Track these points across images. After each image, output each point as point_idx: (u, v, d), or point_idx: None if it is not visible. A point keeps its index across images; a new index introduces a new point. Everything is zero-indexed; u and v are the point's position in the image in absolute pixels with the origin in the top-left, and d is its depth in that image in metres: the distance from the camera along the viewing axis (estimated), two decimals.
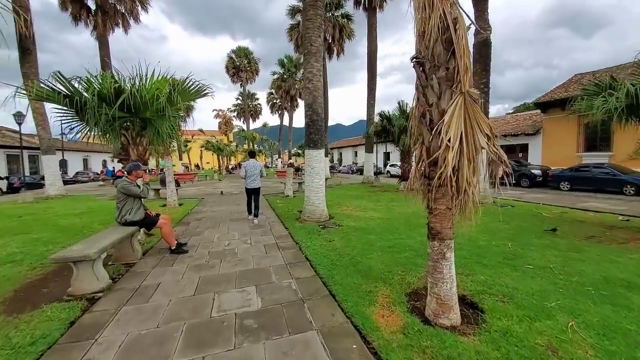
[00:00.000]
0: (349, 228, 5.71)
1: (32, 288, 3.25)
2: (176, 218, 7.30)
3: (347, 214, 7.23)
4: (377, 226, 5.86)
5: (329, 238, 5.02)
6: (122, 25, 19.21)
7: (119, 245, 4.04)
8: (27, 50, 10.83)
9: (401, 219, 6.59)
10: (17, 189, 18.55)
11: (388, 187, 14.04)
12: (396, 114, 13.18)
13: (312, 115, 6.33)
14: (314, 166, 6.42)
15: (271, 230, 5.80)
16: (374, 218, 6.66)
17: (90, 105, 4.42)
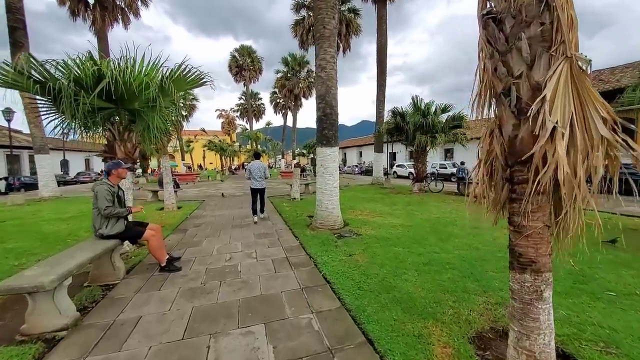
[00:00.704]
0: (370, 238, 4.93)
1: None
2: (173, 224, 6.57)
3: (363, 219, 6.45)
4: (401, 236, 5.07)
5: (349, 251, 4.25)
6: (122, 21, 18.58)
7: (97, 262, 3.31)
8: (19, 44, 10.17)
9: (426, 226, 5.79)
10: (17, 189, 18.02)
11: (400, 189, 13.24)
12: (409, 111, 12.38)
13: (325, 108, 5.57)
14: (327, 166, 5.65)
15: (279, 239, 5.04)
16: (395, 225, 5.87)
17: (66, 92, 3.69)
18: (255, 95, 46.79)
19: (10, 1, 10.09)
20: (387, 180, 14.15)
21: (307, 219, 6.71)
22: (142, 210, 3.86)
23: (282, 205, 8.83)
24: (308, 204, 9.03)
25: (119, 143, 4.74)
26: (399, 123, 11.45)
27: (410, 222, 6.21)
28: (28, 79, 3.64)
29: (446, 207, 8.06)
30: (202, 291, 3.05)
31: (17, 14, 10.13)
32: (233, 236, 5.34)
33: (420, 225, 5.91)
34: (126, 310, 2.69)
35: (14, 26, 9.94)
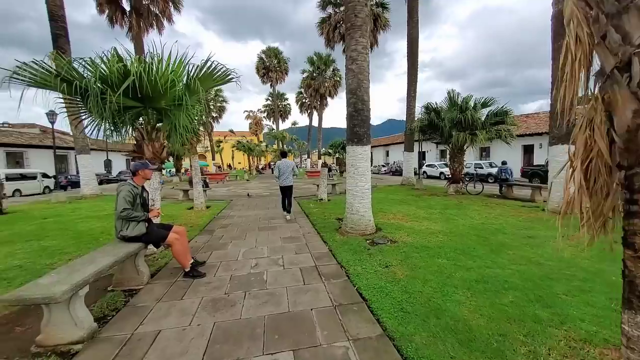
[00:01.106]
0: (407, 246, 4.44)
1: (3, 326, 2.43)
2: (201, 224, 6.51)
3: (396, 224, 5.93)
4: (443, 244, 4.52)
5: (384, 261, 3.80)
6: (156, 27, 19.43)
7: (120, 266, 3.18)
8: (62, 50, 10.84)
9: (471, 234, 5.16)
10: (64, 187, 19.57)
11: (433, 190, 12.41)
12: (444, 106, 11.54)
13: (356, 103, 5.14)
14: (358, 166, 5.22)
15: (307, 245, 4.71)
16: (434, 232, 5.31)
17: (92, 91, 3.63)
18: (282, 95, 47.27)
19: (53, 10, 10.78)
20: (419, 180, 13.34)
21: (336, 222, 6.33)
22: (159, 216, 3.63)
23: (309, 207, 8.53)
24: (336, 205, 8.65)
25: (147, 142, 4.67)
26: (433, 120, 10.67)
27: (450, 228, 5.60)
28: (56, 77, 3.61)
29: (489, 212, 7.28)
30: (225, 303, 2.78)
31: (60, 21, 10.80)
32: (259, 239, 5.10)
33: (463, 232, 5.28)
34: (145, 322, 2.49)
35: (57, 33, 10.62)
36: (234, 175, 26.60)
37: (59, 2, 11.25)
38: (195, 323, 2.44)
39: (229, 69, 4.92)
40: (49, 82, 3.59)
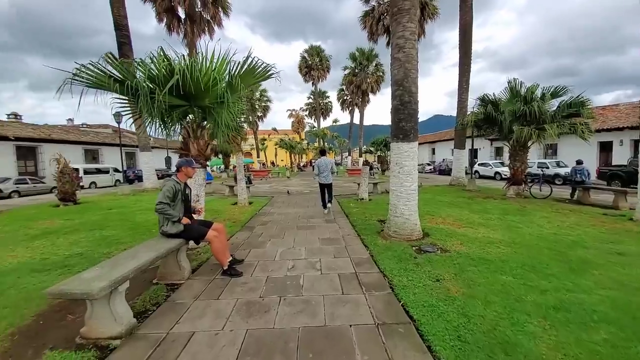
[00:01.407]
0: (461, 257, 3.90)
1: (55, 314, 2.60)
2: (242, 220, 6.63)
3: (446, 230, 5.34)
4: (507, 258, 3.88)
5: (435, 273, 3.35)
6: (208, 32, 20.65)
7: (164, 260, 3.26)
8: (125, 56, 12.02)
9: (541, 246, 4.39)
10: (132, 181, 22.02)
11: (489, 192, 11.19)
12: (503, 98, 10.27)
13: (402, 95, 4.69)
14: (404, 164, 4.77)
15: (347, 248, 4.43)
16: (493, 241, 4.64)
17: (142, 90, 3.78)
18: (323, 93, 47.36)
19: (118, 19, 11.98)
20: (472, 181, 12.12)
21: (378, 224, 5.94)
22: (201, 213, 3.60)
23: (350, 206, 8.21)
24: (377, 205, 8.21)
25: (192, 140, 4.81)
26: (490, 113, 9.53)
27: (514, 238, 4.85)
28: (109, 78, 3.84)
29: (562, 220, 6.21)
30: (259, 308, 2.64)
31: (123, 30, 11.98)
32: (297, 239, 4.96)
33: (530, 243, 4.52)
34: (181, 321, 2.45)
35: (121, 41, 11.80)
36: (276, 173, 27.33)
37: (122, 12, 12.51)
38: (228, 328, 2.33)
39: (268, 65, 4.85)
40: (104, 82, 3.84)
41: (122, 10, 13.16)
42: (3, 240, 4.97)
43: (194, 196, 4.83)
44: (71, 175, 9.28)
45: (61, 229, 5.81)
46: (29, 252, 4.33)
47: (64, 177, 9.11)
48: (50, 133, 23.24)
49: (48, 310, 2.62)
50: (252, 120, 39.49)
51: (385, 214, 6.72)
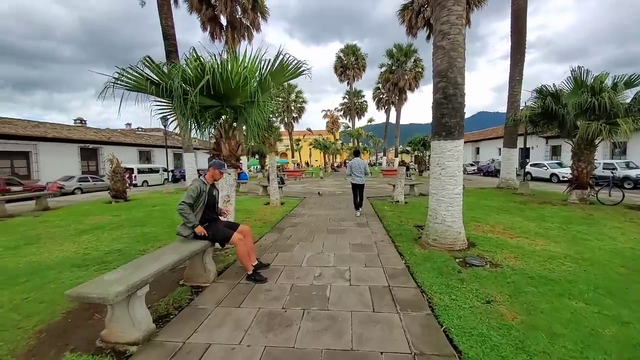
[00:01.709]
0: (516, 273, 3.33)
1: (84, 312, 2.65)
2: (273, 221, 6.56)
3: (496, 240, 4.69)
4: (574, 277, 3.22)
5: (484, 293, 2.86)
6: (247, 37, 21.37)
7: (191, 261, 3.22)
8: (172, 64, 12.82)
9: (615, 264, 3.61)
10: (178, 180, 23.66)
11: (544, 196, 9.90)
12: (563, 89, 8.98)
13: (446, 87, 4.18)
14: (447, 165, 4.26)
15: (379, 256, 4.06)
16: (555, 256, 3.93)
17: (176, 92, 3.82)
18: (358, 93, 46.58)
19: (166, 29, 12.80)
20: (524, 183, 10.80)
21: (415, 230, 5.45)
22: (227, 215, 3.48)
23: (384, 209, 7.75)
24: (414, 209, 7.64)
25: (224, 140, 4.81)
26: (549, 106, 8.34)
27: (581, 252, 4.07)
28: (146, 80, 3.94)
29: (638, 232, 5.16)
30: (280, 321, 2.43)
31: (171, 39, 12.78)
32: (326, 244, 4.70)
33: (602, 260, 3.75)
34: (200, 329, 2.33)
35: (169, 50, 12.60)
36: (310, 173, 27.41)
37: (170, 23, 13.39)
38: (246, 342, 2.15)
39: (299, 62, 4.67)
40: (142, 85, 3.95)
41: (169, 21, 14.12)
42: (55, 234, 5.45)
43: (224, 197, 4.84)
44: (122, 174, 10.08)
45: (108, 224, 6.24)
46: (74, 246, 4.65)
47: (116, 176, 9.93)
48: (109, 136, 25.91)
49: (78, 308, 2.68)
50: (288, 121, 40.22)
51: (422, 219, 6.18)
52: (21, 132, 18.21)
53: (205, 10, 19.66)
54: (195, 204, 3.24)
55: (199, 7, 19.59)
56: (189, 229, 3.19)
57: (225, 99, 4.45)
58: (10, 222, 6.94)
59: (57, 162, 19.49)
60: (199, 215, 3.27)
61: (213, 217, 3.41)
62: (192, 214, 3.20)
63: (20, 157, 18.33)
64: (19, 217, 7.50)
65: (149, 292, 3.08)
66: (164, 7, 14.27)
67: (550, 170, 18.62)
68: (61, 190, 15.16)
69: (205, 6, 19.60)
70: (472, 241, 4.56)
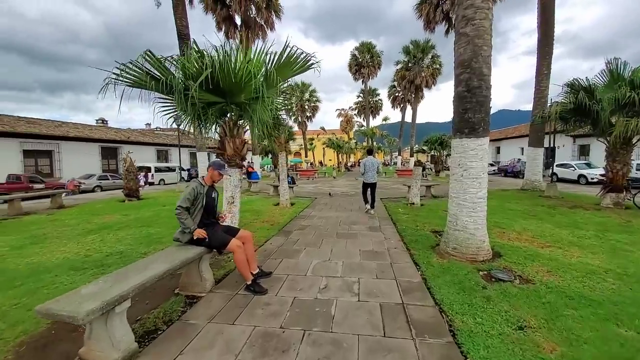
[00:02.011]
0: (552, 292, 2.88)
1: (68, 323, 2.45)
2: (281, 223, 6.30)
3: (524, 250, 4.21)
4: (620, 297, 2.74)
5: (515, 316, 2.45)
6: (261, 36, 21.30)
7: (187, 268, 2.98)
8: None
9: None
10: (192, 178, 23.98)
11: (574, 199, 9.14)
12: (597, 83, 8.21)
13: (470, 79, 3.75)
14: (470, 166, 3.83)
15: (392, 266, 3.69)
16: (595, 270, 3.43)
17: (177, 87, 3.61)
18: (373, 91, 45.77)
19: (180, 29, 12.86)
20: (552, 185, 10.02)
21: (432, 236, 5.03)
22: (225, 220, 3.19)
23: (398, 212, 7.32)
24: (431, 212, 7.17)
25: (229, 139, 4.59)
26: (582, 102, 7.61)
27: (625, 267, 3.54)
28: (146, 75, 3.75)
29: None
30: (277, 344, 2.13)
31: (185, 38, 12.81)
32: (335, 250, 4.37)
33: None
34: (186, 351, 2.07)
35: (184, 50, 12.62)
36: (323, 172, 27.10)
37: (185, 23, 13.47)
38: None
39: (308, 54, 4.37)
40: (143, 81, 3.77)
41: (184, 21, 14.23)
42: (62, 234, 5.41)
43: (228, 198, 4.62)
44: (135, 173, 10.14)
45: (116, 224, 6.18)
46: (78, 247, 4.56)
47: (129, 175, 10.01)
48: (129, 136, 26.64)
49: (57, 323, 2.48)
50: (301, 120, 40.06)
51: (440, 224, 5.75)
52: (44, 132, 18.96)
53: (220, 10, 19.75)
54: (192, 207, 3.01)
55: (214, 7, 19.70)
56: (186, 234, 2.96)
57: (229, 95, 4.22)
58: (25, 219, 7.05)
59: (79, 160, 20.18)
60: (196, 219, 3.03)
61: (211, 222, 3.17)
62: (190, 218, 2.97)
63: (44, 155, 19.08)
64: (34, 215, 7.63)
65: (142, 302, 2.91)
66: (178, 8, 14.37)
67: (578, 171, 17.45)
68: (79, 188, 15.60)
69: (220, 6, 19.68)
70: (497, 250, 4.11)
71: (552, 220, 6.13)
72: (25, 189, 14.48)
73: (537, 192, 10.72)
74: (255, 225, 6.07)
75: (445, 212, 7.05)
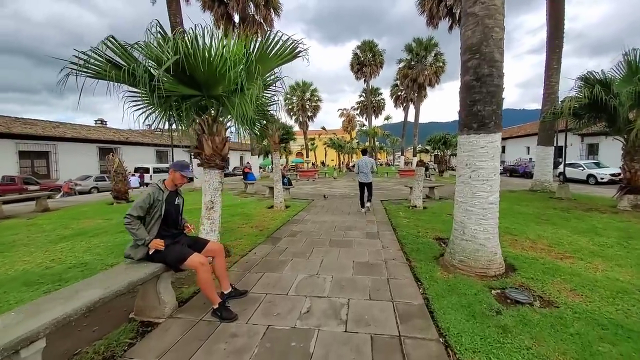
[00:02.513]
0: (580, 318, 2.37)
1: None
2: (271, 228, 5.82)
3: (541, 261, 3.68)
4: None
5: (540, 355, 1.95)
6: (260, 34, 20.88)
7: (143, 288, 2.51)
8: None
9: None
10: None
11: (588, 201, 8.56)
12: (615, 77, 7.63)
13: (479, 66, 3.24)
14: (480, 167, 3.31)
15: (389, 282, 3.19)
16: (626, 288, 2.90)
17: (140, 76, 3.13)
18: (375, 90, 45.15)
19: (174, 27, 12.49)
20: (564, 186, 9.41)
21: (435, 244, 4.52)
22: (159, 246, 2.59)
23: (398, 216, 6.81)
24: (434, 216, 6.64)
25: (207, 137, 4.12)
26: (598, 96, 7.04)
27: None
28: (108, 64, 3.28)
29: None
30: None
31: None
32: (326, 261, 3.87)
33: None
34: None
35: None
36: (323, 173, 26.60)
37: (179, 20, 13.23)
38: None
39: (295, 41, 3.89)
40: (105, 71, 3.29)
41: (178, 18, 13.95)
42: (33, 241, 4.98)
43: (206, 202, 4.14)
44: (123, 175, 9.73)
45: (93, 229, 5.74)
46: (43, 257, 4.12)
47: (117, 176, 9.60)
48: (128, 136, 26.35)
49: None
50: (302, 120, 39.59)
51: (444, 229, 5.24)
52: (41, 133, 18.68)
53: (217, 8, 19.42)
54: (148, 217, 2.54)
55: (211, 4, 19.36)
56: (139, 249, 2.49)
57: (205, 87, 3.74)
58: (3, 224, 6.64)
59: (76, 161, 19.90)
60: (153, 231, 2.56)
61: (172, 234, 2.69)
62: (142, 228, 2.50)
63: (40, 156, 18.81)
64: (14, 219, 7.23)
65: (90, 327, 2.45)
66: (172, 5, 14.03)
67: (587, 170, 16.85)
68: (73, 190, 15.26)
69: (217, 3, 19.33)
70: (511, 263, 3.59)
71: (568, 226, 5.57)
72: (19, 191, 14.17)
73: (547, 194, 10.13)
74: (243, 231, 5.60)
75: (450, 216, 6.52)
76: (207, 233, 4.08)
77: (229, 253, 4.24)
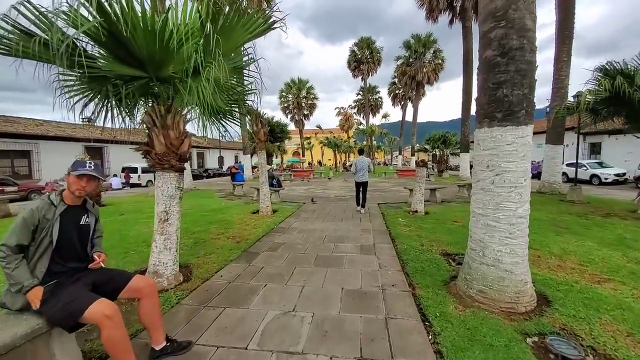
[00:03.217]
0: None
1: None
2: (250, 239, 5.01)
3: (578, 288, 2.90)
4: None
5: None
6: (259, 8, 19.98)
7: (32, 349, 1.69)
8: None
9: None
10: None
11: (604, 205, 7.83)
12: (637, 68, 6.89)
13: (505, 36, 2.45)
14: (505, 168, 2.53)
15: (387, 321, 2.39)
16: None
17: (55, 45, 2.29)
18: (373, 89, 44.40)
19: None
20: (576, 189, 8.64)
21: (443, 261, 3.73)
22: (36, 302, 1.69)
23: (398, 223, 6.01)
24: (438, 224, 5.85)
25: (158, 131, 3.30)
26: (621, 89, 6.29)
27: None
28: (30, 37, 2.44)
29: None
30: None
31: None
32: (308, 289, 3.06)
33: None
34: None
35: None
36: (319, 173, 25.78)
37: None
38: None
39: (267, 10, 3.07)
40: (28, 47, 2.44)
41: None
42: None
43: (160, 213, 3.32)
44: None
45: None
46: None
47: None
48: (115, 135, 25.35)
49: None
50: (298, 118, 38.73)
51: (451, 241, 4.48)
52: (21, 131, 17.70)
53: None
54: (32, 245, 1.72)
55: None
56: (15, 297, 1.67)
57: (151, 66, 2.91)
58: None
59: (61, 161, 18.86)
60: (41, 266, 1.74)
61: (70, 269, 1.86)
62: (24, 266, 1.68)
63: (21, 156, 17.84)
64: None
65: None
66: None
67: (591, 170, 16.28)
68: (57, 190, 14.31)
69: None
70: (541, 290, 2.82)
71: (592, 236, 4.82)
72: None
73: (557, 196, 9.40)
74: (217, 243, 4.78)
75: (456, 223, 5.73)
76: (160, 252, 3.26)
77: (189, 277, 3.43)
